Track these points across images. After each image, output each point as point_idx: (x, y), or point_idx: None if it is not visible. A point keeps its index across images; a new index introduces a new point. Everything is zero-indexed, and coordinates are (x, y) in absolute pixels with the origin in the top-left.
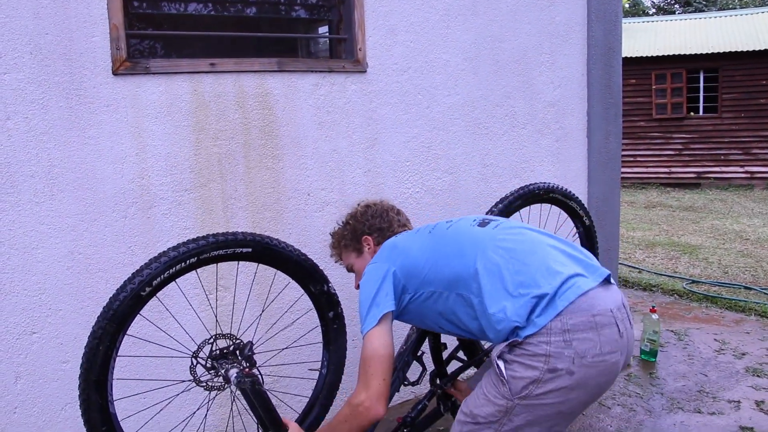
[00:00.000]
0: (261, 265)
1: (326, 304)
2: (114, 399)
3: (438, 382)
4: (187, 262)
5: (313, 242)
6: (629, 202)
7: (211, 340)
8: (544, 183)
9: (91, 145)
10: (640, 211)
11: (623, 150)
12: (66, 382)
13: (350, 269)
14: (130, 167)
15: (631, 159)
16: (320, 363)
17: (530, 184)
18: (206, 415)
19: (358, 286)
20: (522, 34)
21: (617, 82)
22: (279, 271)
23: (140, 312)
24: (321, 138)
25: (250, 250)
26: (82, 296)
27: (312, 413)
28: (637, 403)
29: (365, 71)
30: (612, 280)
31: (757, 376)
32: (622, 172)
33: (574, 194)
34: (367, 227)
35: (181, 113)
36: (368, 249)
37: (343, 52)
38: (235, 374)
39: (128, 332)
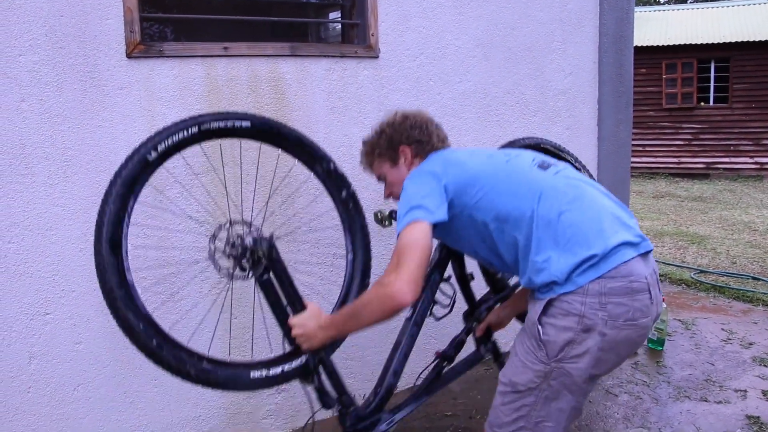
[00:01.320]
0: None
1: (335, 184)
2: (130, 268)
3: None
4: (189, 131)
5: (325, 227)
6: (638, 191)
7: (227, 225)
8: (533, 137)
9: (105, 128)
10: (649, 200)
11: (633, 139)
12: (79, 363)
13: (381, 178)
14: None
15: (641, 149)
16: (345, 249)
17: (519, 138)
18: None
19: (389, 195)
20: (534, 22)
21: (628, 71)
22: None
23: (149, 179)
24: (333, 123)
25: (248, 124)
26: (94, 278)
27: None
28: (644, 391)
29: (377, 57)
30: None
31: (764, 365)
32: (632, 162)
33: (565, 148)
34: (405, 137)
35: (194, 97)
36: (404, 160)
37: (356, 38)
38: (251, 240)
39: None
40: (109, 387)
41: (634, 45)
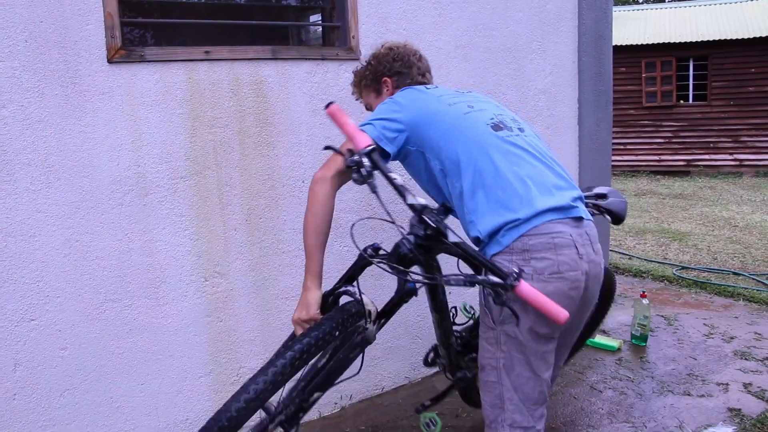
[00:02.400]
0: None
1: None
2: None
3: None
4: None
5: None
6: (620, 189)
7: None
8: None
9: (87, 133)
10: (631, 198)
11: (614, 138)
12: (64, 369)
13: (369, 108)
14: (125, 155)
15: (622, 147)
16: None
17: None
18: None
19: None
20: (513, 22)
21: (608, 70)
22: None
23: None
24: (315, 125)
25: None
26: (79, 283)
27: None
28: (628, 387)
29: (358, 59)
30: (587, 216)
31: (745, 359)
32: (613, 160)
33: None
34: (388, 69)
35: (176, 101)
36: (387, 90)
37: (336, 40)
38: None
39: None
40: (95, 392)
41: (614, 44)
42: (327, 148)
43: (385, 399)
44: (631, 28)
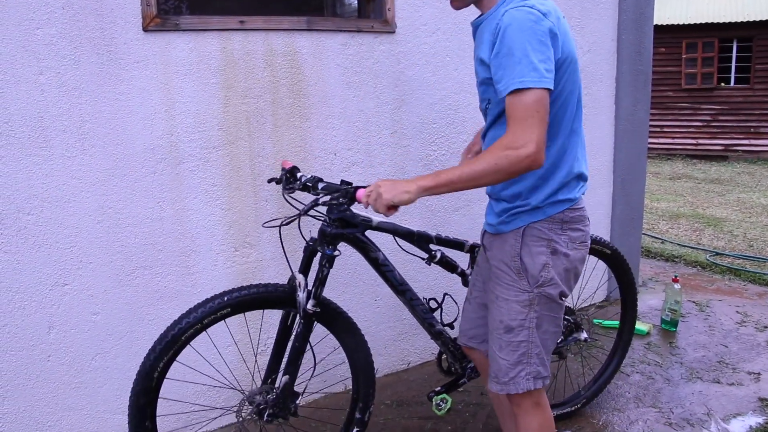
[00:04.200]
0: None
1: None
2: None
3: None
4: None
5: None
6: (654, 173)
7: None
8: None
9: (122, 101)
10: (665, 182)
11: (650, 120)
12: (96, 333)
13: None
14: (159, 124)
15: (658, 129)
16: None
17: None
18: None
19: (458, 5)
20: None
21: (648, 49)
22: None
23: None
24: (348, 98)
25: None
26: (111, 250)
27: None
28: (656, 372)
29: (394, 32)
30: None
31: None
32: (649, 143)
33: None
34: None
35: (210, 70)
36: None
37: (372, 12)
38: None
39: None
40: (126, 357)
41: (655, 24)
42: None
43: (411, 374)
44: (674, 7)
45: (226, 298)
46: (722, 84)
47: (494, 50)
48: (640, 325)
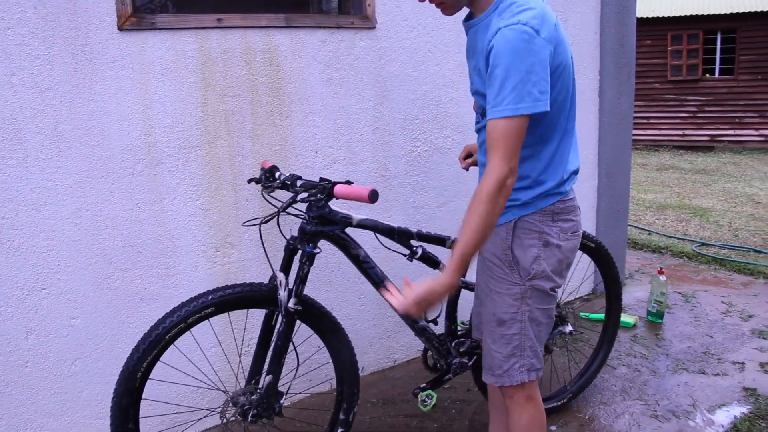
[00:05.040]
0: None
1: None
2: None
3: None
4: None
5: None
6: (642, 164)
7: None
8: None
9: (98, 102)
10: (652, 173)
11: (637, 112)
12: (75, 338)
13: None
14: (136, 124)
15: (645, 121)
16: None
17: None
18: None
19: (449, 12)
20: None
21: (630, 42)
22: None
23: None
24: (329, 95)
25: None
26: (90, 253)
27: None
28: (642, 364)
29: (374, 27)
30: None
31: (763, 338)
32: (636, 135)
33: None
34: None
35: (188, 69)
36: None
37: (352, 8)
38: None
39: None
40: (107, 361)
41: (640, 16)
42: None
43: (396, 372)
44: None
45: (210, 297)
46: (707, 75)
47: (488, 70)
48: (626, 318)
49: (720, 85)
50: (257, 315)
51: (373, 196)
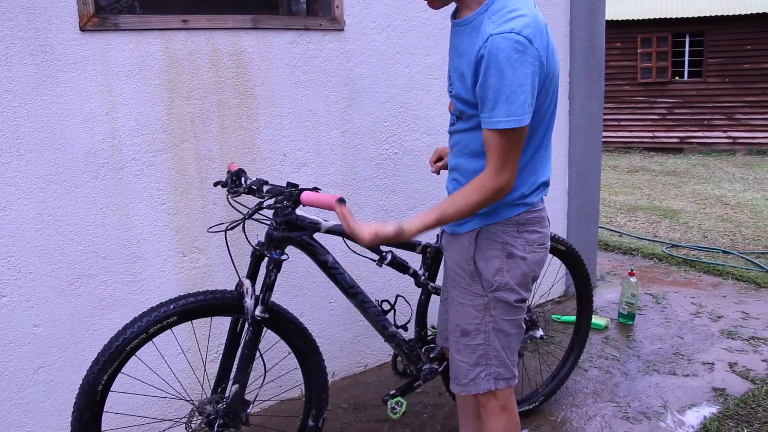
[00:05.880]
0: None
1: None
2: None
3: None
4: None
5: None
6: (612, 166)
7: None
8: None
9: (59, 104)
10: (623, 175)
11: (607, 114)
12: (38, 346)
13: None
14: (100, 127)
15: (615, 123)
16: None
17: None
18: None
19: (437, 5)
20: None
21: (600, 44)
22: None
23: None
24: (297, 98)
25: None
26: (52, 258)
27: None
28: (614, 366)
29: (342, 29)
30: None
31: (732, 338)
32: (606, 137)
33: None
34: None
35: (153, 71)
36: None
37: (320, 10)
38: None
39: None
40: (71, 369)
41: (610, 19)
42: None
43: (368, 376)
44: (628, 2)
45: (172, 306)
46: (677, 78)
47: (478, 78)
48: (597, 320)
49: (689, 88)
50: (223, 321)
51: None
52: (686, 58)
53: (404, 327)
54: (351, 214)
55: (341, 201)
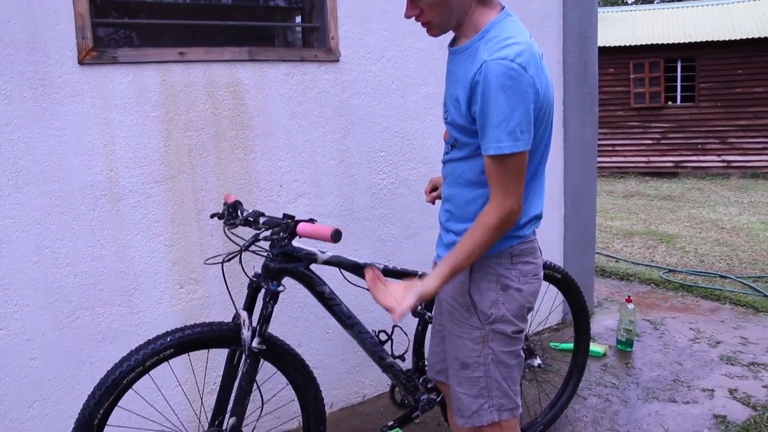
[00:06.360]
0: None
1: None
2: None
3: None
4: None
5: None
6: (608, 191)
7: None
8: None
9: (58, 137)
10: (619, 200)
11: (602, 139)
12: (34, 379)
13: (414, 0)
14: (98, 159)
15: (610, 148)
16: None
17: None
18: None
19: (420, 20)
20: None
21: (593, 71)
22: None
23: None
24: (293, 128)
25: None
26: (49, 291)
27: None
28: (613, 393)
29: (338, 60)
30: None
31: (731, 364)
32: (601, 162)
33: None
34: None
35: (150, 104)
36: None
37: (316, 41)
38: None
39: None
40: (67, 403)
41: (602, 45)
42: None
43: (366, 407)
44: (620, 29)
45: (168, 339)
46: (670, 103)
47: (473, 105)
48: (595, 347)
49: (682, 112)
50: (220, 352)
51: (336, 236)
52: (678, 83)
53: (402, 357)
54: (381, 282)
55: (337, 234)
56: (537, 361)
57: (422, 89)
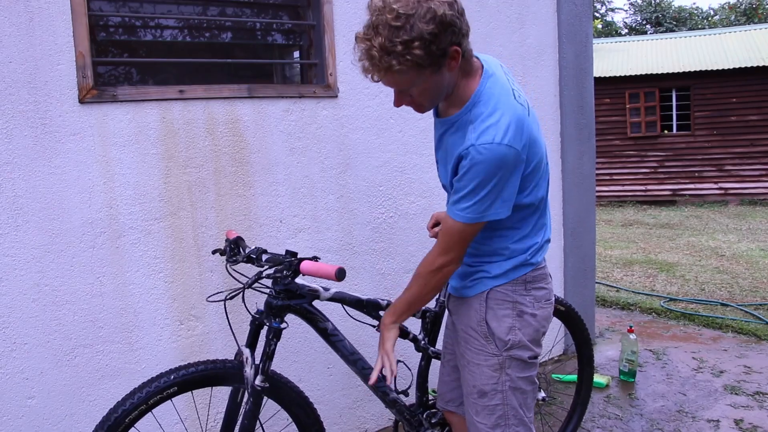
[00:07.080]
0: None
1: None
2: None
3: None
4: None
5: None
6: (607, 220)
7: None
8: None
9: (58, 175)
10: (618, 229)
11: (599, 169)
12: (32, 419)
13: (403, 91)
14: (97, 196)
15: (608, 177)
16: None
17: None
18: None
19: (425, 111)
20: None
21: (590, 103)
22: None
23: None
24: (293, 164)
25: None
26: (48, 329)
27: None
28: (617, 426)
29: (336, 96)
30: None
31: (735, 393)
32: (599, 191)
33: None
34: (460, 32)
35: (150, 141)
36: (453, 65)
37: (314, 77)
38: None
39: None
40: None
41: (598, 75)
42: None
43: None
44: (614, 59)
45: (172, 377)
46: (666, 131)
47: (457, 173)
48: (598, 378)
49: (678, 141)
50: (222, 390)
51: (340, 275)
52: (674, 112)
53: (405, 392)
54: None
55: (341, 272)
56: (541, 394)
57: (420, 123)
